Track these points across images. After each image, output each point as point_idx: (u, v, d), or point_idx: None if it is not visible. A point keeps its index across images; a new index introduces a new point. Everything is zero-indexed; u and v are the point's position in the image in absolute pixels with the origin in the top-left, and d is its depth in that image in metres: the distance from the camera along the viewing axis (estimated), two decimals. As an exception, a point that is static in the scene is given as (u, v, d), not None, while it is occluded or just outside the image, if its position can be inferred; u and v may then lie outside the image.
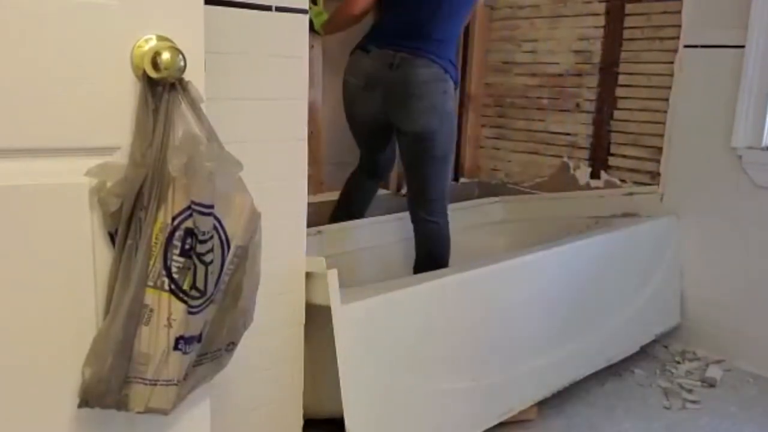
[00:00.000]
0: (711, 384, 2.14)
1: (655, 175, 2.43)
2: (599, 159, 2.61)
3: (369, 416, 1.45)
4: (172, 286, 0.88)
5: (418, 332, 1.56)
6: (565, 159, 2.73)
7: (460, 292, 1.65)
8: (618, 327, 2.14)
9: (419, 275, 1.83)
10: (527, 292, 1.83)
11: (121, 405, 0.91)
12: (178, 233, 0.87)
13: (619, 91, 2.53)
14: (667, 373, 2.22)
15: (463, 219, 2.64)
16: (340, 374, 1.36)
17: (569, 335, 1.96)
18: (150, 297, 0.88)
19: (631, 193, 2.47)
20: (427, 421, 1.60)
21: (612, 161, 2.58)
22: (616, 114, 2.55)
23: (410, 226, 2.25)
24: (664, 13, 2.36)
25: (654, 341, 2.32)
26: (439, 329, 1.61)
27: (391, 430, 1.52)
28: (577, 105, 2.66)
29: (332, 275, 1.35)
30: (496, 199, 2.83)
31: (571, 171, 2.70)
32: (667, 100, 2.36)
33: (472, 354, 1.69)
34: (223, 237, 0.92)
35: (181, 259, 0.88)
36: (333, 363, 1.36)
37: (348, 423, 1.39)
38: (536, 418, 1.87)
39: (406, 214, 2.39)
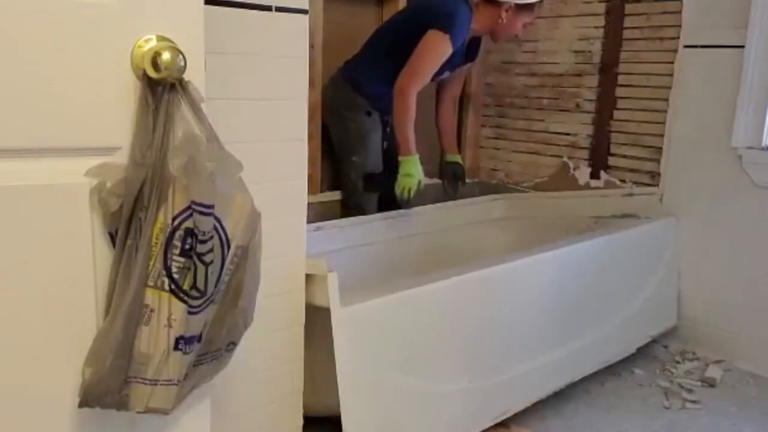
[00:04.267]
0: (711, 384, 2.14)
1: (655, 176, 2.43)
2: (599, 159, 2.61)
3: (366, 417, 1.45)
4: (172, 286, 0.89)
5: (416, 333, 1.55)
6: (565, 159, 2.73)
7: (459, 294, 1.65)
8: (616, 328, 2.13)
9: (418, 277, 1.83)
10: (526, 293, 1.83)
11: (122, 405, 0.91)
12: (179, 233, 0.88)
13: (619, 91, 2.52)
14: (666, 373, 2.22)
15: (462, 216, 2.63)
16: (338, 375, 1.36)
17: (567, 336, 1.96)
18: (150, 297, 0.88)
19: (630, 194, 2.47)
20: (424, 422, 1.59)
21: (612, 161, 2.58)
22: (616, 114, 2.54)
23: (409, 224, 2.35)
24: (664, 13, 2.35)
25: (654, 341, 2.32)
26: (437, 330, 1.60)
27: (388, 431, 1.52)
28: (577, 105, 2.66)
29: (332, 278, 1.35)
30: (497, 196, 2.83)
31: (571, 171, 2.70)
32: (667, 100, 2.36)
33: (470, 355, 1.69)
34: (224, 237, 0.92)
35: (181, 259, 0.88)
36: (332, 363, 1.36)
37: (345, 423, 1.38)
38: (536, 418, 1.87)
39: (406, 213, 2.40)
